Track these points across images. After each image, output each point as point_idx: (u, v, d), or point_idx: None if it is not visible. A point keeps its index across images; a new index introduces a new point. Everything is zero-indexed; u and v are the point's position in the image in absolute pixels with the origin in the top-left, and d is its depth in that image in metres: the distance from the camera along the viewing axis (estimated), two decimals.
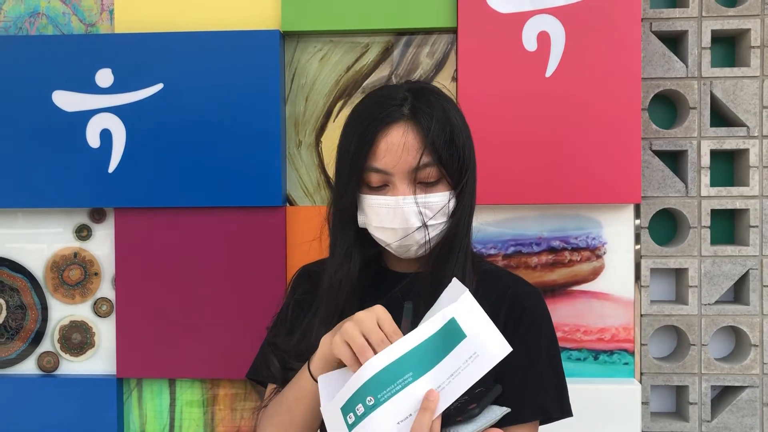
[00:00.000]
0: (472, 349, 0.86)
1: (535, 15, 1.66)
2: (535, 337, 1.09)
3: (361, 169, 1.04)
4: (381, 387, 0.85)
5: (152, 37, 1.72)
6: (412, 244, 1.06)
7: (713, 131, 1.75)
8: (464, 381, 0.85)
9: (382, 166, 1.03)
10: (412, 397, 0.85)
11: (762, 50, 1.73)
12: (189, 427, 1.82)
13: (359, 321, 0.91)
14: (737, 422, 1.74)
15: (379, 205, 1.04)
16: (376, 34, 1.76)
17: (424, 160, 1.02)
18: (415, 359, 0.86)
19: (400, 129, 1.03)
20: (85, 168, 1.74)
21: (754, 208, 1.74)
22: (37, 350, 1.83)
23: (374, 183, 1.05)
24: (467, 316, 0.87)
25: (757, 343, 1.74)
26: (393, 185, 1.04)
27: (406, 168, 1.02)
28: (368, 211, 1.06)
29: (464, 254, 1.07)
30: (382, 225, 1.05)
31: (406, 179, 1.03)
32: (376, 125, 1.03)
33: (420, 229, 1.04)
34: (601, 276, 1.72)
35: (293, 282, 1.26)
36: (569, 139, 1.66)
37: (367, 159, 1.03)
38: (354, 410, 0.86)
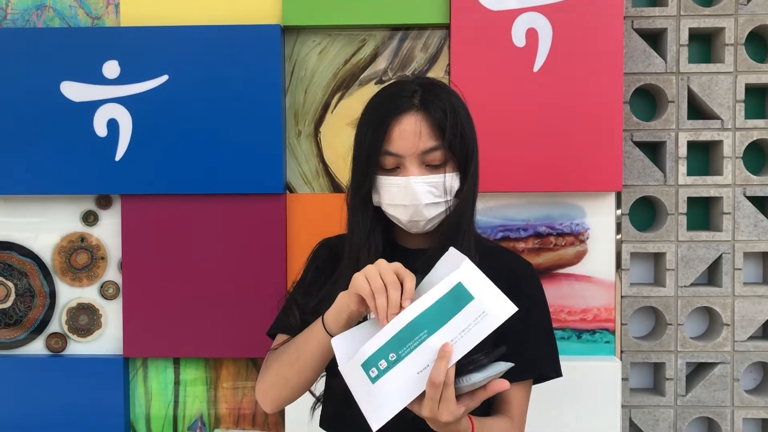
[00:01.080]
0: (481, 309, 0.96)
1: (524, 12, 1.75)
2: (530, 307, 1.22)
3: (378, 153, 1.15)
4: (401, 344, 0.96)
5: (157, 30, 1.79)
6: (421, 220, 1.17)
7: (690, 123, 1.85)
8: (474, 336, 0.96)
9: (395, 149, 1.14)
10: (429, 349, 0.95)
11: (735, 47, 1.83)
12: (193, 405, 1.90)
13: (379, 265, 1.01)
14: (710, 396, 1.86)
15: (391, 184, 1.16)
16: (372, 29, 1.84)
17: (432, 144, 1.14)
18: (429, 319, 0.96)
19: (411, 117, 1.14)
20: (93, 156, 1.80)
21: (728, 196, 1.85)
22: (45, 332, 1.91)
23: (388, 165, 1.16)
24: (472, 280, 0.97)
25: (728, 322, 1.85)
26: (404, 167, 1.15)
27: (415, 151, 1.14)
28: (382, 191, 1.17)
29: (470, 232, 1.19)
30: (394, 202, 1.16)
31: (416, 161, 1.14)
32: (390, 114, 1.14)
33: (428, 205, 1.15)
34: (584, 260, 1.83)
35: (314, 252, 1.36)
36: (555, 131, 1.76)
37: (383, 144, 1.14)
38: (377, 365, 0.96)
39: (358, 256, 1.18)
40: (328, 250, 1.32)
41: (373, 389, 0.96)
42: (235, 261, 1.83)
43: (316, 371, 1.15)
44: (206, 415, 1.91)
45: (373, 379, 0.96)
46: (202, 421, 1.91)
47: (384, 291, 0.98)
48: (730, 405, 1.86)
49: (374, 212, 1.21)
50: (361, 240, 1.19)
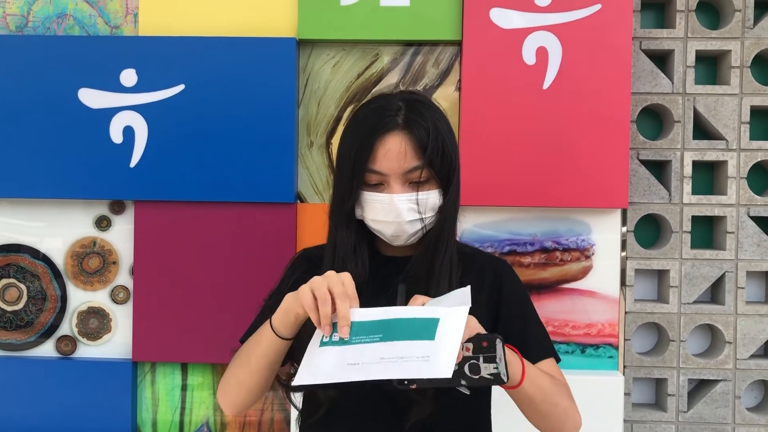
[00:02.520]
0: (428, 353, 0.95)
1: (535, 31, 1.79)
2: (519, 295, 1.29)
3: (363, 171, 1.18)
4: (358, 332, 0.99)
5: (175, 41, 1.83)
6: (403, 234, 1.21)
7: (695, 143, 1.88)
8: (404, 370, 0.95)
9: (379, 168, 1.18)
10: (369, 351, 0.97)
11: (741, 70, 1.87)
12: (199, 410, 1.92)
13: (327, 276, 1.05)
14: (711, 413, 1.88)
15: (375, 200, 1.19)
16: (385, 44, 1.87)
17: (415, 164, 1.17)
18: (392, 327, 0.99)
19: (396, 137, 1.18)
20: (108, 162, 1.84)
21: (731, 215, 1.88)
22: (55, 334, 1.93)
23: (372, 181, 1.20)
24: (448, 327, 0.97)
25: (731, 340, 1.87)
26: (388, 184, 1.19)
27: (399, 171, 1.17)
28: (366, 206, 1.21)
29: (451, 244, 1.23)
30: (377, 218, 1.20)
31: (399, 180, 1.18)
32: (374, 133, 1.18)
33: (410, 222, 1.19)
34: (589, 275, 1.85)
35: (294, 262, 1.38)
36: (563, 147, 1.79)
37: (367, 162, 1.18)
38: (331, 335, 1.01)
39: (345, 268, 1.20)
40: (308, 262, 1.33)
41: (316, 351, 1.01)
42: (244, 268, 1.85)
43: (267, 372, 1.17)
44: (212, 421, 1.92)
45: (321, 342, 1.01)
46: (208, 427, 1.93)
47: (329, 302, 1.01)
48: (732, 422, 1.88)
49: (357, 225, 1.24)
50: (347, 253, 1.22)
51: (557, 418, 1.19)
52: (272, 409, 1.92)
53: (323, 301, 1.01)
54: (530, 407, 1.16)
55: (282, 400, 1.91)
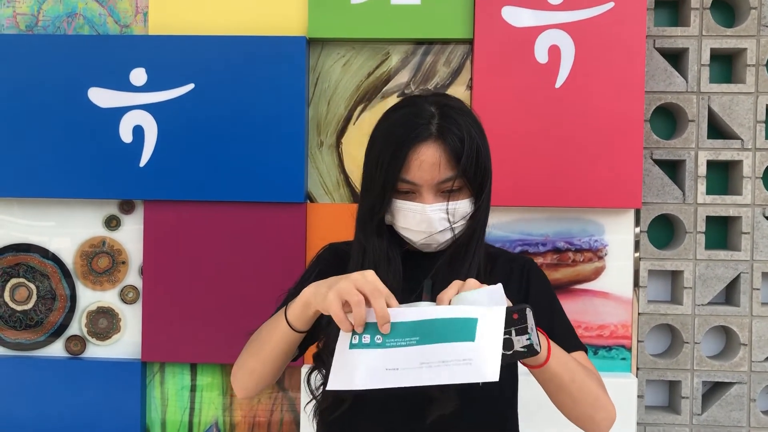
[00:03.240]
0: (470, 355, 0.91)
1: (547, 29, 1.77)
2: (545, 292, 1.27)
3: (395, 180, 1.16)
4: (393, 334, 0.95)
5: (185, 40, 1.82)
6: (433, 243, 1.20)
7: (710, 143, 1.86)
8: (447, 375, 0.91)
9: (412, 179, 1.15)
10: (408, 355, 0.93)
11: (757, 68, 1.84)
12: (208, 411, 1.92)
13: (354, 279, 1.00)
14: (726, 416, 1.85)
15: (407, 209, 1.17)
16: (396, 43, 1.86)
17: (449, 174, 1.15)
18: (427, 329, 0.95)
19: (430, 147, 1.15)
20: (117, 162, 1.83)
21: (747, 216, 1.85)
22: (64, 334, 1.92)
23: (403, 189, 1.17)
24: (488, 327, 0.93)
25: (746, 342, 1.85)
26: (420, 194, 1.17)
27: (433, 182, 1.15)
28: (396, 214, 1.19)
29: (480, 247, 1.21)
30: (408, 227, 1.18)
31: (432, 190, 1.16)
32: (407, 142, 1.15)
33: (442, 232, 1.17)
34: (602, 276, 1.83)
35: (320, 255, 1.35)
36: (576, 147, 1.77)
37: (400, 172, 1.15)
38: (361, 336, 0.96)
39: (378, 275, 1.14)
40: (335, 256, 1.32)
41: (347, 354, 0.96)
42: (254, 269, 1.84)
43: (279, 362, 1.16)
44: (221, 422, 1.92)
45: (351, 344, 0.96)
46: (217, 428, 1.92)
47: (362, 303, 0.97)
48: (746, 425, 1.85)
49: (388, 230, 1.22)
50: (379, 260, 1.19)
51: (589, 404, 1.12)
52: (281, 409, 1.91)
53: (357, 303, 0.97)
54: (559, 388, 1.10)
55: (292, 400, 1.90)
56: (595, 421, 1.15)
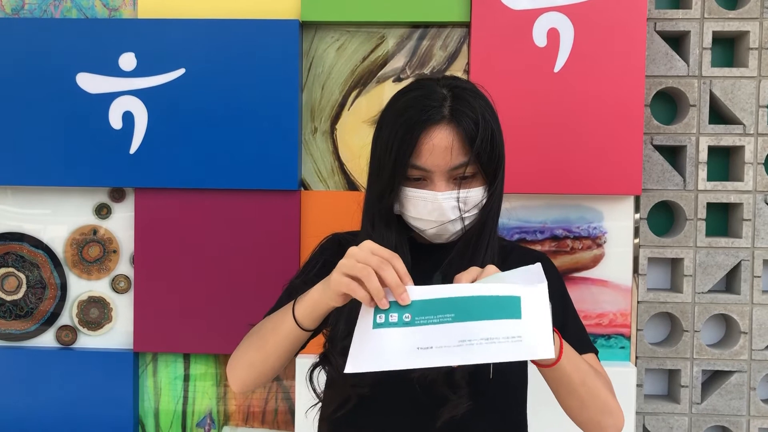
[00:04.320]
0: (519, 332, 0.86)
1: (545, 12, 1.73)
2: (559, 291, 1.21)
3: (405, 166, 1.09)
4: (422, 312, 0.89)
5: (175, 23, 1.78)
6: (445, 234, 1.14)
7: (711, 128, 1.83)
8: (494, 353, 0.86)
9: (423, 164, 1.09)
10: (443, 333, 0.87)
11: (760, 52, 1.81)
12: (202, 401, 1.89)
13: (353, 254, 0.95)
14: (725, 405, 1.83)
15: (417, 197, 1.11)
16: (391, 26, 1.82)
17: (462, 160, 1.09)
18: (463, 305, 0.89)
19: (442, 131, 1.08)
20: (107, 148, 1.79)
21: (748, 202, 1.82)
22: (55, 324, 1.90)
23: (413, 176, 1.11)
24: (533, 304, 0.89)
25: (746, 330, 1.83)
26: (431, 181, 1.10)
27: (445, 167, 1.09)
28: (406, 203, 1.13)
29: (493, 239, 1.16)
30: (419, 216, 1.12)
31: (444, 176, 1.10)
32: (418, 125, 1.08)
33: (455, 221, 1.11)
34: (600, 264, 1.80)
35: (323, 246, 1.29)
36: (574, 132, 1.74)
37: (411, 158, 1.09)
38: (387, 314, 0.90)
39: None
40: (338, 247, 1.26)
41: (369, 334, 0.90)
42: (247, 257, 1.81)
43: (281, 359, 1.11)
44: (215, 412, 1.89)
45: (375, 324, 0.90)
46: (211, 418, 1.90)
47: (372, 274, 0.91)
48: (746, 414, 1.83)
49: (396, 220, 1.16)
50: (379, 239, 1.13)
51: (598, 409, 1.09)
52: (276, 399, 1.88)
53: (366, 276, 0.91)
54: (568, 389, 1.05)
55: (287, 389, 1.87)
56: (602, 426, 1.11)
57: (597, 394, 1.08)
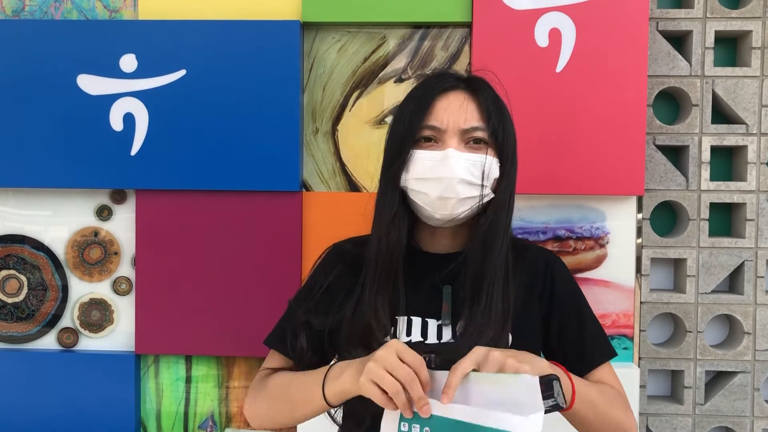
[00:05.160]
0: None
1: (547, 12, 1.72)
2: (573, 294, 1.19)
3: (417, 127, 1.07)
4: (438, 427, 0.92)
5: (175, 24, 1.77)
6: (453, 197, 1.06)
7: (714, 128, 1.82)
8: None
9: (436, 123, 1.07)
10: None
11: (762, 51, 1.80)
12: (204, 403, 1.89)
13: (382, 359, 0.93)
14: (729, 406, 1.83)
15: (425, 158, 1.07)
16: (392, 27, 1.81)
17: (476, 124, 1.07)
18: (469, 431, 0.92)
19: (459, 95, 1.08)
20: (108, 150, 1.79)
21: (751, 202, 1.82)
22: (57, 326, 1.89)
23: (425, 135, 1.08)
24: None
25: (749, 330, 1.82)
26: (443, 141, 1.07)
27: (458, 126, 1.06)
28: (413, 165, 1.07)
29: (506, 242, 1.11)
30: (425, 176, 1.06)
31: (456, 137, 1.07)
32: (435, 90, 1.08)
33: (463, 182, 1.05)
34: (603, 264, 1.80)
35: (325, 259, 1.25)
36: (577, 132, 1.73)
37: (423, 119, 1.07)
38: (410, 424, 0.94)
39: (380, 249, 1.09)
40: (342, 260, 1.21)
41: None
42: (249, 259, 1.81)
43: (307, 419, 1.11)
44: (217, 414, 1.89)
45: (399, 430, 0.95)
46: (213, 420, 1.89)
47: (402, 392, 0.92)
48: (750, 415, 1.83)
49: (402, 197, 1.11)
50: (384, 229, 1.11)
51: (611, 430, 1.11)
52: None
53: (396, 393, 0.92)
54: (582, 425, 1.09)
55: None
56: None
57: (611, 420, 1.10)
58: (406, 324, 1.11)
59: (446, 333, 1.11)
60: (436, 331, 1.11)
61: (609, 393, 1.13)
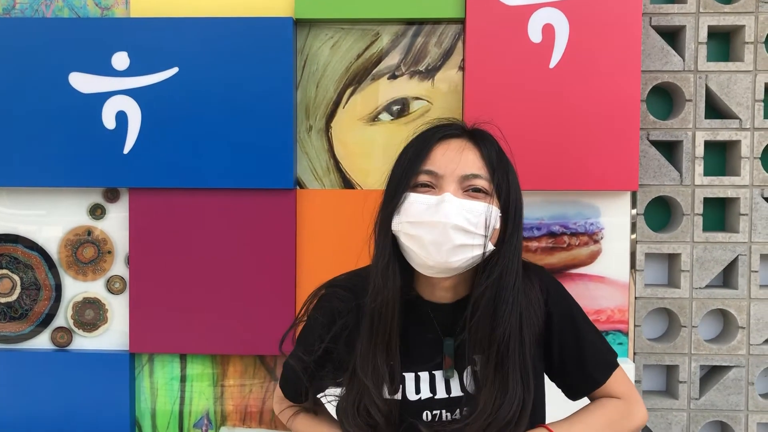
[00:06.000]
0: None
1: (540, 8, 1.72)
2: (567, 310, 1.15)
3: (414, 171, 1.03)
4: None
5: (168, 22, 1.76)
6: (445, 245, 1.00)
7: (707, 123, 1.82)
8: None
9: (433, 167, 1.03)
10: None
11: (755, 46, 1.80)
12: (199, 402, 1.88)
13: None
14: (724, 400, 1.83)
15: (420, 201, 1.01)
16: (386, 23, 1.81)
17: (477, 171, 1.03)
18: None
19: (460, 143, 1.05)
20: (101, 148, 1.78)
21: (745, 197, 1.82)
22: (50, 326, 1.88)
23: (421, 182, 1.03)
24: None
25: (744, 325, 1.82)
26: (440, 187, 1.02)
27: (457, 173, 1.02)
28: (407, 208, 1.02)
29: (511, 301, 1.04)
30: (419, 219, 1.00)
31: (454, 183, 1.01)
32: (435, 136, 1.05)
33: (458, 230, 0.99)
34: (598, 260, 1.80)
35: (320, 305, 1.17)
36: (570, 128, 1.73)
37: (421, 164, 1.03)
38: None
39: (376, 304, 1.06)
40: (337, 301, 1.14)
41: None
42: (243, 257, 1.80)
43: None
44: (212, 412, 1.88)
45: None
46: (208, 418, 1.89)
47: None
48: (745, 409, 1.83)
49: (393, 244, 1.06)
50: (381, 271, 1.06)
51: None
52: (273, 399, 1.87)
53: None
54: None
55: None
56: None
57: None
58: (414, 381, 1.10)
59: (454, 385, 1.10)
60: (444, 386, 1.10)
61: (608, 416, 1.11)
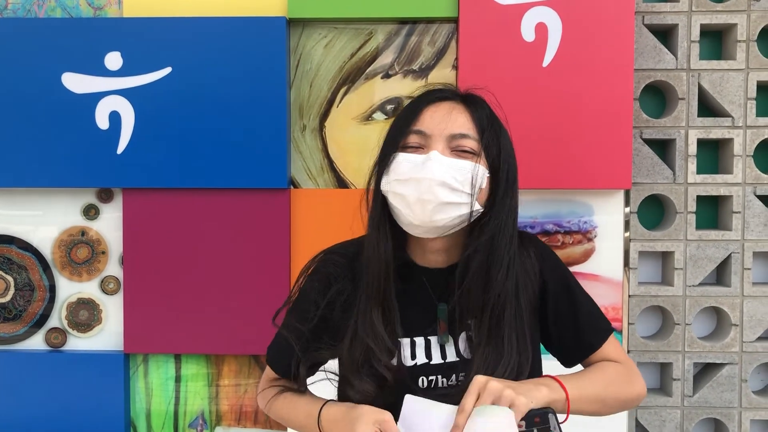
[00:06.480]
0: None
1: (533, 6, 1.72)
2: (562, 278, 1.16)
3: (403, 132, 1.04)
4: None
5: (161, 22, 1.76)
6: (431, 201, 1.00)
7: (700, 121, 1.83)
8: None
9: (422, 127, 1.03)
10: None
11: (747, 44, 1.81)
12: (194, 402, 1.88)
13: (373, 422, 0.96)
14: (717, 397, 1.84)
15: (407, 160, 1.02)
16: (379, 22, 1.81)
17: (465, 131, 1.03)
18: None
19: (450, 104, 1.05)
20: (94, 149, 1.78)
21: (737, 195, 1.83)
22: (45, 326, 1.88)
23: (410, 143, 1.04)
24: None
25: (737, 322, 1.83)
26: (428, 147, 1.03)
27: (445, 132, 1.02)
28: (395, 168, 1.03)
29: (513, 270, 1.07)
30: (405, 176, 1.01)
31: (442, 142, 1.02)
32: (426, 99, 1.05)
33: (444, 187, 0.99)
34: (591, 258, 1.80)
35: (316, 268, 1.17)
36: (564, 127, 1.73)
37: (411, 124, 1.04)
38: None
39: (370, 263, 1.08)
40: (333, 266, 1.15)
41: None
42: (237, 256, 1.80)
43: None
44: (207, 412, 1.88)
45: None
46: (203, 418, 1.89)
47: None
48: (738, 406, 1.84)
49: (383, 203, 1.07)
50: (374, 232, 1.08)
51: (617, 408, 1.13)
52: None
53: None
54: (593, 414, 1.10)
55: None
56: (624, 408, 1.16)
57: (614, 401, 1.11)
58: (410, 347, 1.10)
59: (449, 350, 1.10)
60: (440, 351, 1.11)
61: (609, 375, 1.12)
